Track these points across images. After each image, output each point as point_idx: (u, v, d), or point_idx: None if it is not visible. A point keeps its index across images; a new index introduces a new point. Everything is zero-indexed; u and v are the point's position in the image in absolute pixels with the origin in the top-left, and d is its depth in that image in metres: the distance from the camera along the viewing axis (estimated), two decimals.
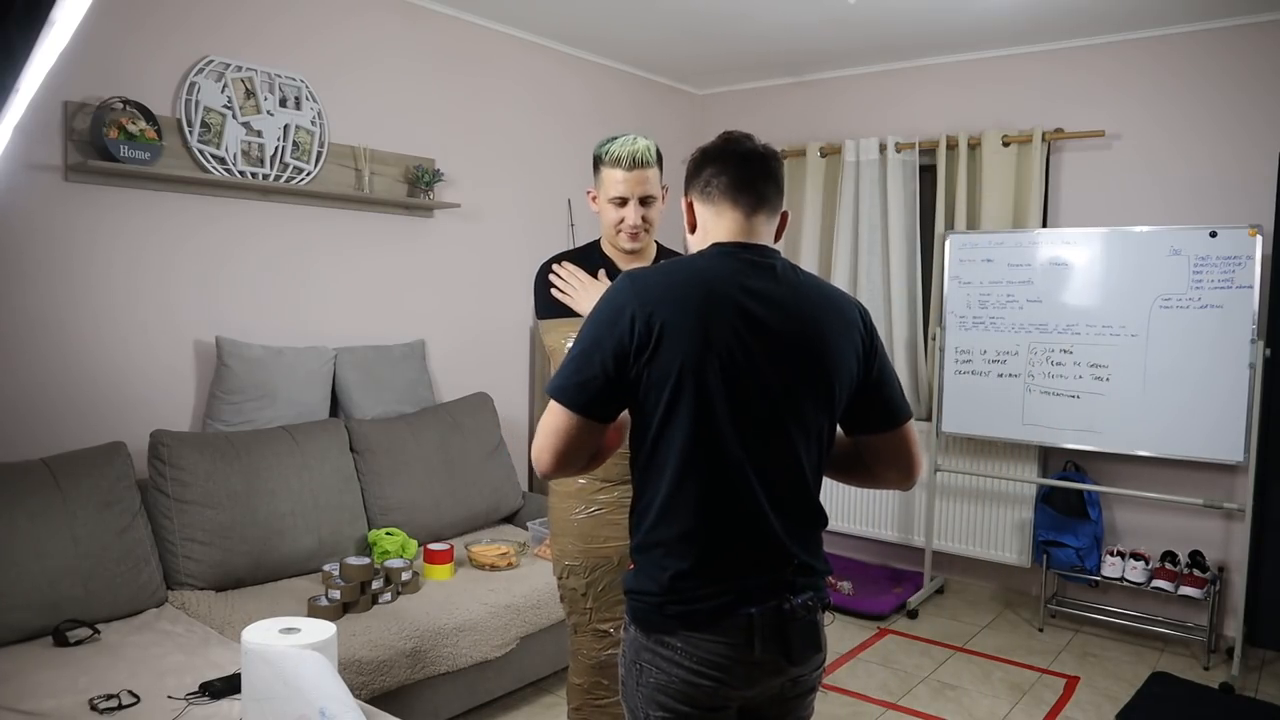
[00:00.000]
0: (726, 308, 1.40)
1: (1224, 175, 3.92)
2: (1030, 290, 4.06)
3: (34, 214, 2.82)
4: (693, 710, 1.45)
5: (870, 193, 4.70)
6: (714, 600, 1.42)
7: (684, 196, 1.58)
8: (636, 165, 2.07)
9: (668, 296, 1.40)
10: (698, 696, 1.43)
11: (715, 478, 1.41)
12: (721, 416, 1.39)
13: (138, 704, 2.06)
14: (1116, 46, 4.15)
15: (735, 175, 1.49)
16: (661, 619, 1.43)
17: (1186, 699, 3.41)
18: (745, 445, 1.41)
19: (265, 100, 3.32)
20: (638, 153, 2.07)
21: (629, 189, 2.08)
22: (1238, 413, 3.59)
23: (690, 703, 1.44)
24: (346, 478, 3.27)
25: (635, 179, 2.08)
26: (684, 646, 1.42)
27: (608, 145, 2.10)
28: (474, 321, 4.24)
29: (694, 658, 1.41)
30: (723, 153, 1.51)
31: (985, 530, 4.47)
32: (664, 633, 1.43)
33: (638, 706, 1.49)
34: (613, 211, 2.11)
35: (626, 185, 2.08)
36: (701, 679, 1.42)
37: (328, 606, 2.74)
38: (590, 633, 2.18)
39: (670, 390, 1.38)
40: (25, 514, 2.48)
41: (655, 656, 1.44)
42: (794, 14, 3.96)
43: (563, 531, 2.17)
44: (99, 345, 2.99)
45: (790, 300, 1.45)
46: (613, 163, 2.08)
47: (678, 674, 1.42)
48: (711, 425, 1.39)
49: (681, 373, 1.37)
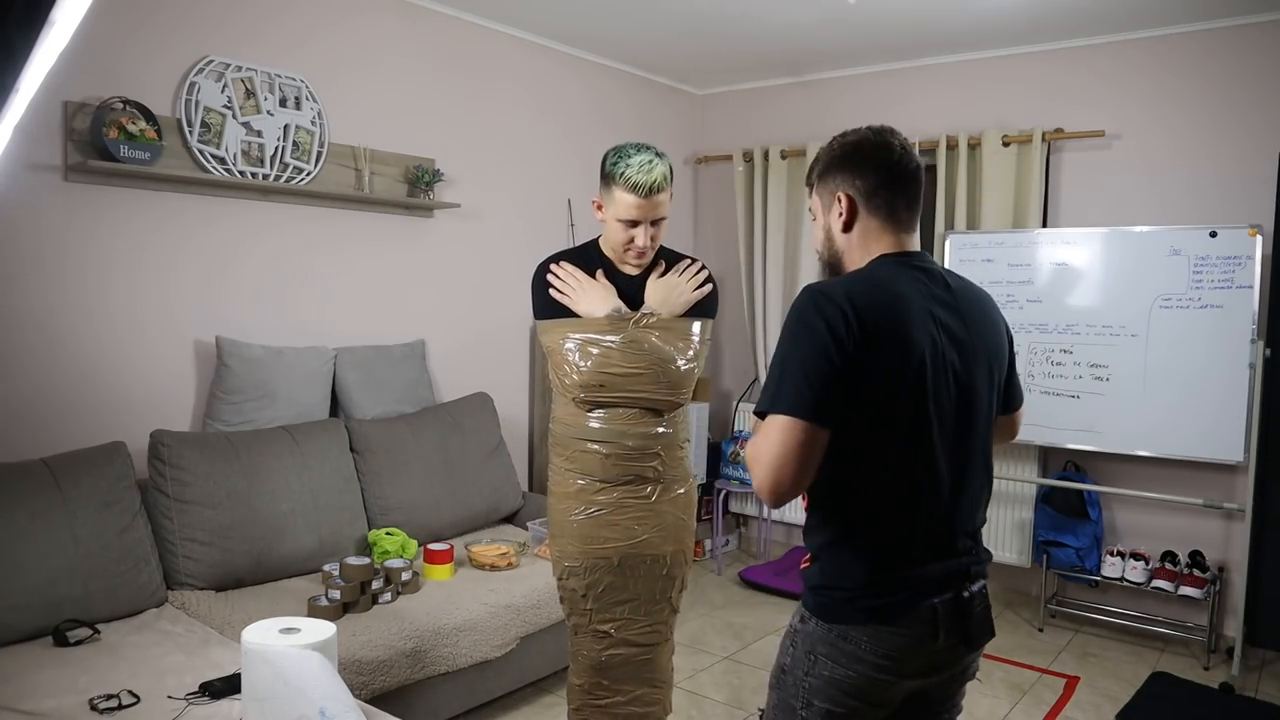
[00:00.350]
0: (925, 320, 1.43)
1: (1224, 175, 3.92)
2: (1030, 290, 4.06)
3: (34, 214, 2.83)
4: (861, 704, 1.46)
5: None
6: (901, 595, 1.43)
7: (835, 190, 1.52)
8: (654, 191, 2.02)
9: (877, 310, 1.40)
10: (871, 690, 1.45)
11: (917, 481, 1.44)
12: (931, 425, 1.42)
13: (138, 704, 2.06)
14: (1116, 46, 4.15)
15: (897, 190, 1.49)
16: (851, 611, 1.43)
17: (1186, 699, 3.41)
18: (950, 454, 1.45)
19: (265, 100, 3.32)
20: (654, 183, 2.01)
21: (642, 214, 2.04)
22: (1238, 413, 3.59)
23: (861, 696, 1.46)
24: (346, 478, 3.27)
25: (649, 205, 2.03)
26: (869, 640, 1.43)
27: (622, 166, 2.02)
28: (474, 321, 4.24)
29: (877, 651, 1.43)
30: (891, 168, 1.49)
31: (985, 530, 4.46)
32: (850, 624, 1.44)
33: (800, 696, 1.49)
34: (621, 231, 2.08)
35: (640, 211, 2.04)
36: (881, 672, 1.44)
37: (328, 606, 2.74)
38: (590, 634, 2.19)
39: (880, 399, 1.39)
40: (25, 514, 2.48)
41: (833, 650, 1.45)
42: (794, 14, 3.96)
43: (562, 533, 2.17)
44: (99, 345, 2.99)
45: (964, 306, 1.50)
46: (627, 188, 2.01)
47: (857, 668, 1.44)
48: (922, 433, 1.42)
49: (889, 382, 1.39)
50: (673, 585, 2.20)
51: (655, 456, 2.12)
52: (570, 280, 2.13)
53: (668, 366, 2.08)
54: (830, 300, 1.36)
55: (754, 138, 5.18)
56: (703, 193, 5.52)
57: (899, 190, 1.49)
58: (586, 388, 2.07)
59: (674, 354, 2.09)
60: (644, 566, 2.15)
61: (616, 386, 2.06)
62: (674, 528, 2.18)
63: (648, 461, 2.11)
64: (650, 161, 2.02)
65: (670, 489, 2.17)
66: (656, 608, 2.20)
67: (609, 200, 2.08)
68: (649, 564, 2.15)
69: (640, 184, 2.00)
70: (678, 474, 2.19)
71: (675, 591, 2.22)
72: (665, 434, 2.13)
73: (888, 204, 1.48)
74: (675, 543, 2.18)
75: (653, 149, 2.06)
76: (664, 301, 2.12)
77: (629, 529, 2.12)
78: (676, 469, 2.19)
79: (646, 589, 2.17)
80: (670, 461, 2.16)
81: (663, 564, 2.17)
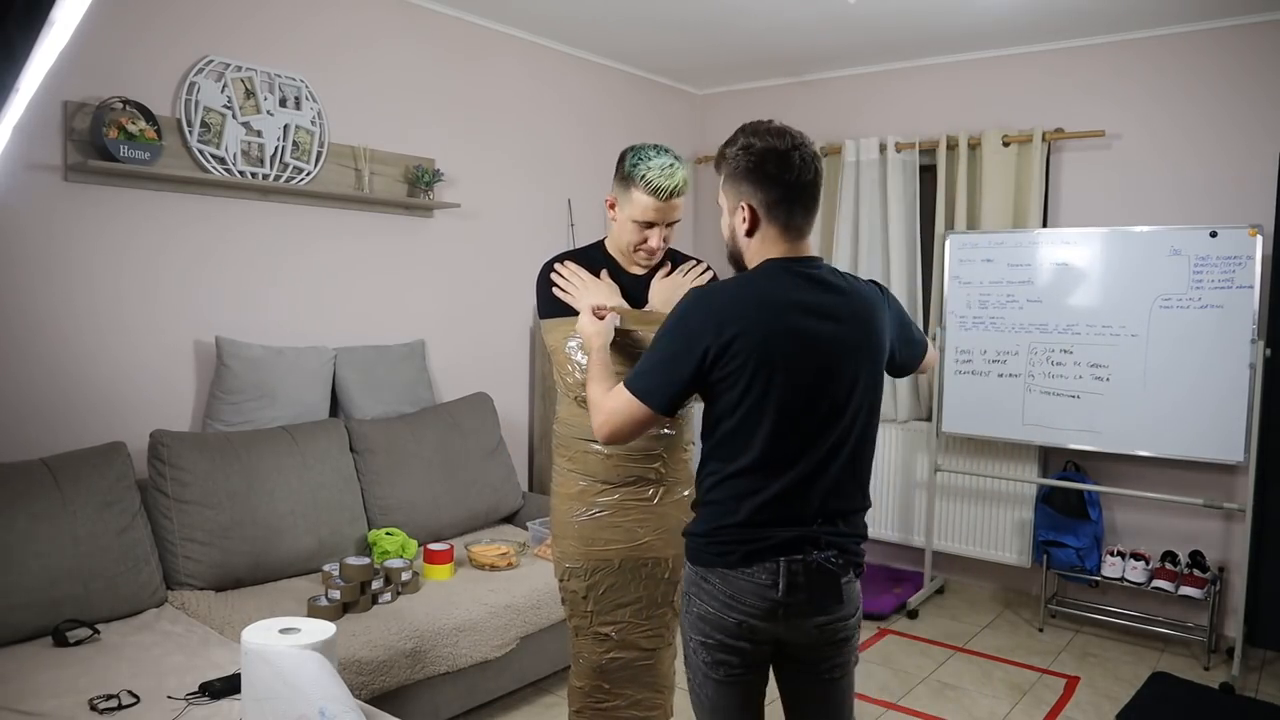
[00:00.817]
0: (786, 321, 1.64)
1: (1224, 175, 3.92)
2: (1030, 290, 4.06)
3: (34, 214, 2.82)
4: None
5: (870, 193, 4.70)
6: (746, 547, 1.66)
7: (739, 198, 1.69)
8: (673, 196, 2.03)
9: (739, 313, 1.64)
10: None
11: (766, 459, 1.66)
12: (780, 413, 1.64)
13: (137, 704, 2.06)
14: (1116, 46, 4.15)
15: (795, 201, 1.67)
16: (708, 556, 1.70)
17: (1187, 699, 3.41)
18: (805, 438, 1.66)
19: (265, 100, 3.32)
20: (675, 187, 2.01)
21: (660, 216, 2.04)
22: (1238, 413, 3.59)
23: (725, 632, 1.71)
24: (346, 478, 3.27)
25: (668, 208, 2.04)
26: (719, 580, 1.69)
27: (642, 169, 2.01)
28: (474, 321, 4.23)
29: (725, 591, 1.68)
30: (791, 185, 1.66)
31: (985, 530, 4.47)
32: (707, 567, 1.71)
33: (686, 631, 1.78)
34: (635, 232, 2.07)
35: (658, 214, 2.04)
36: (729, 611, 1.68)
37: (327, 606, 2.74)
38: (591, 636, 2.18)
39: (745, 389, 1.63)
40: (25, 514, 2.48)
41: (698, 588, 1.73)
42: (794, 14, 3.96)
43: (564, 533, 2.17)
44: (98, 345, 2.99)
45: (844, 307, 1.68)
46: (648, 190, 2.01)
47: (713, 605, 1.70)
48: (773, 419, 1.65)
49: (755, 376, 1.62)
50: (675, 589, 2.19)
51: (658, 458, 2.12)
52: (574, 279, 2.13)
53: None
54: (707, 310, 1.63)
55: None
56: (702, 193, 5.52)
57: (796, 201, 1.67)
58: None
59: None
60: (645, 569, 2.14)
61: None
62: (676, 531, 2.16)
63: (650, 463, 2.11)
64: (671, 166, 2.02)
65: (673, 491, 2.16)
66: (658, 611, 2.19)
67: (625, 200, 2.06)
68: (650, 567, 2.15)
69: (662, 188, 2.00)
70: (681, 476, 2.18)
71: (677, 596, 2.21)
72: (668, 435, 2.12)
73: (785, 214, 1.67)
74: (678, 546, 2.16)
75: (671, 151, 2.06)
76: (667, 302, 2.11)
77: (630, 531, 2.11)
78: (680, 471, 2.18)
79: (648, 592, 2.16)
80: (673, 463, 2.15)
81: (664, 567, 2.16)
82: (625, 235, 2.09)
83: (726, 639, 1.68)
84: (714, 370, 1.62)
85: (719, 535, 1.68)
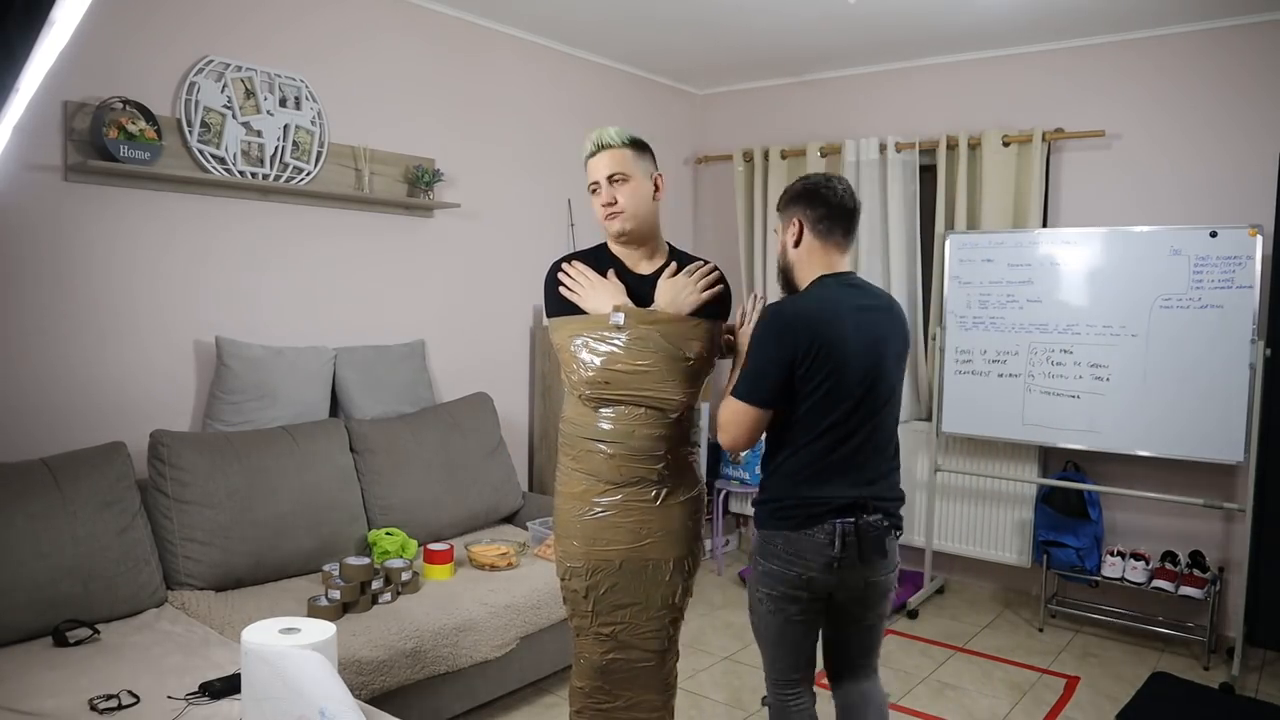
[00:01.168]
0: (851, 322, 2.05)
1: (1224, 175, 3.92)
2: (1030, 290, 4.06)
3: (34, 214, 2.82)
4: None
5: (870, 193, 4.70)
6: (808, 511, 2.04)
7: (792, 216, 2.13)
8: (603, 147, 2.11)
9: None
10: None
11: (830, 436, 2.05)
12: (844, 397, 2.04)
13: (137, 704, 2.06)
14: (1116, 46, 4.15)
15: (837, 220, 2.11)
16: (774, 520, 2.09)
17: (1187, 699, 3.41)
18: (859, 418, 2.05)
19: (265, 100, 3.32)
20: (603, 137, 2.12)
21: (596, 172, 2.12)
22: (1238, 413, 3.59)
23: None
24: (346, 478, 3.27)
25: (601, 162, 2.11)
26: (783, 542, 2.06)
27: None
28: (474, 321, 4.23)
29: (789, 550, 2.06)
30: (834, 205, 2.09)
31: (985, 530, 4.47)
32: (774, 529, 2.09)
33: (753, 585, 2.18)
34: (595, 203, 2.14)
35: (593, 170, 2.12)
36: (793, 566, 2.07)
37: (327, 606, 2.74)
38: (592, 636, 2.18)
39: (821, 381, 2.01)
40: (25, 514, 2.48)
41: (764, 548, 2.12)
42: (794, 14, 3.96)
43: (567, 533, 2.17)
44: (98, 345, 2.99)
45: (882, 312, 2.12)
46: (586, 155, 2.14)
47: (778, 563, 2.09)
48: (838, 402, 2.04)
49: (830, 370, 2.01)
50: (676, 592, 2.18)
51: (661, 459, 2.11)
52: (579, 278, 2.13)
53: (675, 365, 2.08)
54: (786, 322, 2.00)
55: (754, 138, 5.18)
56: (703, 193, 5.52)
57: (838, 221, 2.09)
58: (593, 384, 2.07)
59: (682, 352, 2.09)
60: (646, 571, 2.14)
61: (622, 384, 2.06)
62: (679, 533, 2.16)
63: (653, 464, 2.10)
64: (604, 128, 2.15)
65: (676, 493, 2.15)
66: (660, 614, 2.18)
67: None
68: (652, 569, 2.14)
69: (590, 142, 2.13)
70: (685, 478, 2.17)
71: (679, 598, 2.21)
72: (672, 436, 2.12)
73: (828, 230, 2.09)
74: (680, 548, 2.16)
75: None
76: (672, 301, 2.12)
77: (632, 532, 2.11)
78: (684, 473, 2.17)
79: (649, 594, 2.15)
80: (677, 465, 2.15)
81: (666, 569, 2.15)
82: (594, 211, 2.16)
83: (789, 590, 2.07)
84: (799, 369, 1.98)
85: (784, 502, 2.05)
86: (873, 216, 4.70)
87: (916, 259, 4.63)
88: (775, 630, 2.13)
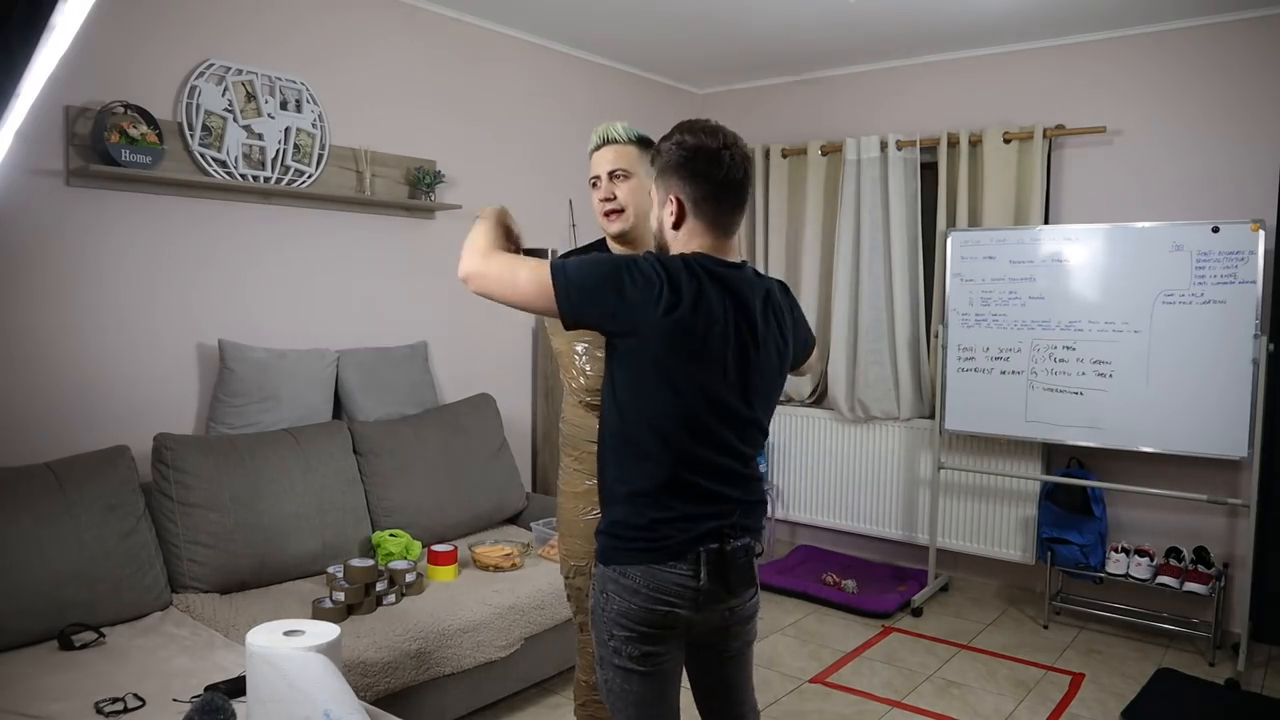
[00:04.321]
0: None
1: (1226, 170, 3.91)
2: (1032, 287, 4.05)
3: (36, 219, 2.83)
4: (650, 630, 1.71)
5: (871, 191, 4.69)
6: (671, 542, 1.67)
7: (669, 191, 1.72)
8: (608, 142, 2.11)
9: None
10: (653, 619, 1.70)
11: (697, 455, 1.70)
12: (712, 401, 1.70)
13: (143, 707, 2.06)
14: (1117, 42, 4.15)
15: (723, 199, 1.70)
16: (629, 554, 1.69)
17: (1192, 695, 3.40)
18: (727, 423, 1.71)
19: (266, 103, 3.32)
20: (610, 131, 2.11)
21: (598, 167, 2.11)
22: (1241, 408, 3.58)
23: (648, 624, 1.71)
24: (350, 480, 3.27)
25: (604, 156, 2.11)
26: (642, 576, 1.68)
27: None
28: (476, 323, 4.23)
29: (649, 585, 1.68)
30: (719, 182, 1.68)
31: (989, 528, 4.47)
32: (628, 564, 1.68)
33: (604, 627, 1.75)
34: (594, 198, 2.14)
35: (595, 164, 2.12)
36: (655, 604, 1.68)
37: (332, 608, 2.74)
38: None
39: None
40: (30, 518, 2.49)
41: (618, 585, 1.70)
42: (794, 13, 3.96)
43: (570, 531, 2.18)
44: (102, 349, 3.00)
45: (759, 309, 1.72)
46: (591, 148, 2.13)
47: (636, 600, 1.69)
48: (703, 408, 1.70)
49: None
50: None
51: None
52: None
53: None
54: (646, 260, 1.63)
55: (754, 137, 5.18)
56: None
57: (724, 199, 1.69)
58: (593, 392, 2.07)
59: None
60: None
61: None
62: None
63: None
64: (608, 124, 2.13)
65: None
66: None
67: None
68: None
69: (598, 134, 2.12)
70: None
71: None
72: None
73: (712, 211, 1.70)
74: None
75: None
76: None
77: None
78: None
79: None
80: None
81: None
82: (593, 206, 2.16)
83: (651, 630, 1.70)
84: (649, 324, 1.61)
85: (639, 532, 1.68)
86: (874, 214, 4.70)
87: (918, 257, 4.62)
88: (638, 684, 1.74)
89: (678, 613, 1.68)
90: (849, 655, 3.74)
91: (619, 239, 2.15)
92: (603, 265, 1.64)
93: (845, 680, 3.49)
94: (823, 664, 3.63)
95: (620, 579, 1.69)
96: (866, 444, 4.82)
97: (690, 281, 1.62)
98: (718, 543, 1.68)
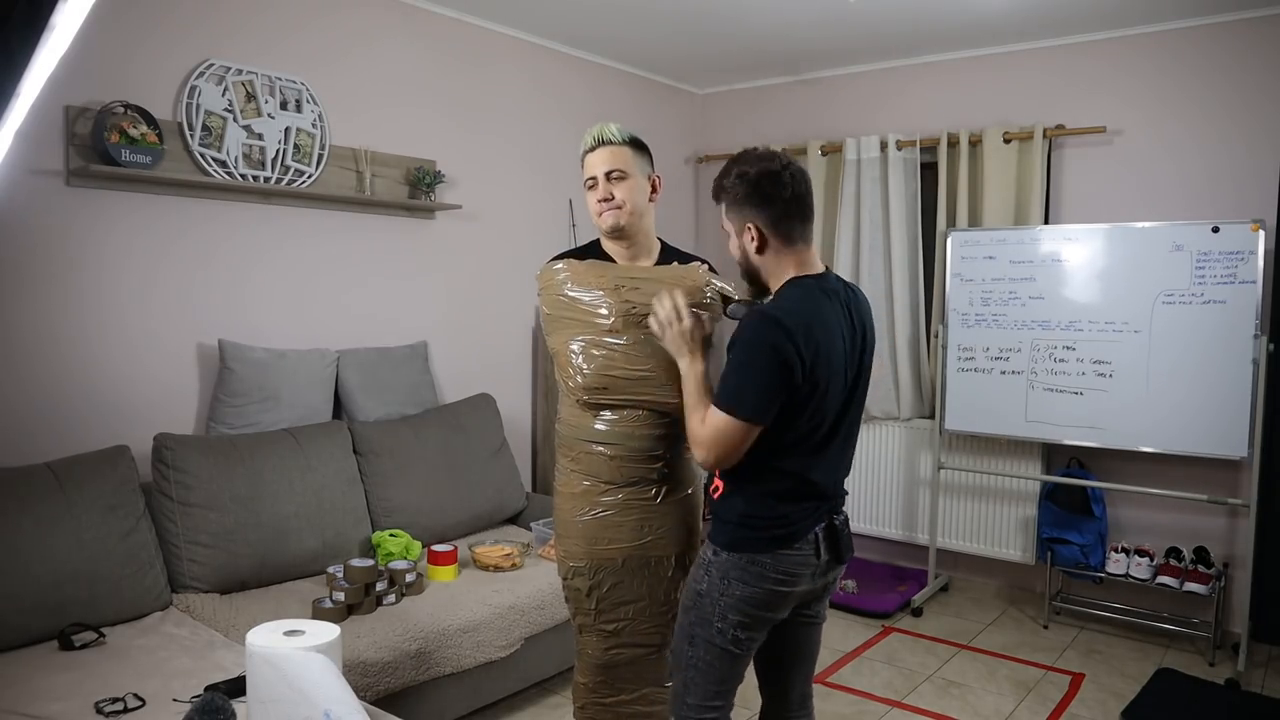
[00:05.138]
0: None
1: (1226, 170, 3.91)
2: (1032, 287, 4.05)
3: (36, 219, 2.83)
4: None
5: (871, 191, 4.69)
6: (793, 526, 1.88)
7: (745, 220, 1.88)
8: (602, 144, 2.12)
9: None
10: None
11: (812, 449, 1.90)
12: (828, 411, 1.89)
13: (143, 707, 2.06)
14: (1117, 42, 4.15)
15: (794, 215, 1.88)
16: (758, 541, 1.87)
17: (1192, 695, 3.40)
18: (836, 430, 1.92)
19: (266, 103, 3.32)
20: (604, 132, 2.13)
21: (594, 168, 2.12)
22: (1241, 408, 3.59)
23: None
24: (350, 480, 3.27)
25: (600, 157, 2.12)
26: (772, 561, 1.87)
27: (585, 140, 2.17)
28: (476, 323, 4.24)
29: (778, 569, 1.87)
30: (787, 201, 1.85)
31: (989, 528, 4.47)
32: (757, 551, 1.87)
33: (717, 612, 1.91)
34: (591, 199, 2.15)
35: (591, 165, 2.13)
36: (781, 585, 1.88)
37: (332, 608, 2.74)
38: (595, 633, 2.19)
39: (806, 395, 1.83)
40: (30, 518, 2.49)
41: (744, 572, 1.87)
42: (794, 13, 3.96)
43: (568, 533, 2.18)
44: (102, 349, 3.00)
45: (857, 315, 1.93)
46: (585, 150, 2.15)
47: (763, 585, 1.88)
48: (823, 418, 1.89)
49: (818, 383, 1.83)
50: (677, 587, 2.20)
51: (660, 459, 2.12)
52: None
53: (674, 367, 2.08)
54: (781, 328, 1.76)
55: (755, 137, 5.18)
56: (704, 192, 5.52)
57: (794, 214, 1.86)
58: (590, 390, 2.07)
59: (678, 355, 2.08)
60: (649, 568, 2.15)
61: (620, 389, 2.06)
62: (679, 530, 2.17)
63: (652, 464, 2.11)
64: (602, 125, 2.16)
65: (676, 491, 2.16)
66: (661, 609, 2.19)
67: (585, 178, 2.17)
68: (654, 565, 2.15)
69: (589, 138, 2.14)
70: (684, 476, 2.19)
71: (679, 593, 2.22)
72: (671, 436, 2.12)
73: (788, 228, 1.86)
74: (680, 544, 2.18)
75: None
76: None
77: (634, 530, 2.12)
78: (683, 471, 2.18)
79: (651, 590, 2.17)
80: (676, 464, 2.16)
81: (668, 566, 2.16)
82: (589, 208, 2.17)
83: (768, 614, 1.90)
84: (804, 382, 1.78)
85: (769, 522, 1.87)
86: (874, 214, 4.70)
87: (918, 257, 4.62)
88: (730, 664, 1.92)
89: (796, 590, 1.89)
90: (849, 655, 3.74)
91: (614, 234, 2.16)
92: (760, 374, 1.77)
93: (845, 680, 3.49)
94: (823, 664, 3.63)
95: (749, 566, 1.86)
96: (867, 444, 4.81)
97: (818, 327, 1.80)
98: (826, 521, 1.90)
